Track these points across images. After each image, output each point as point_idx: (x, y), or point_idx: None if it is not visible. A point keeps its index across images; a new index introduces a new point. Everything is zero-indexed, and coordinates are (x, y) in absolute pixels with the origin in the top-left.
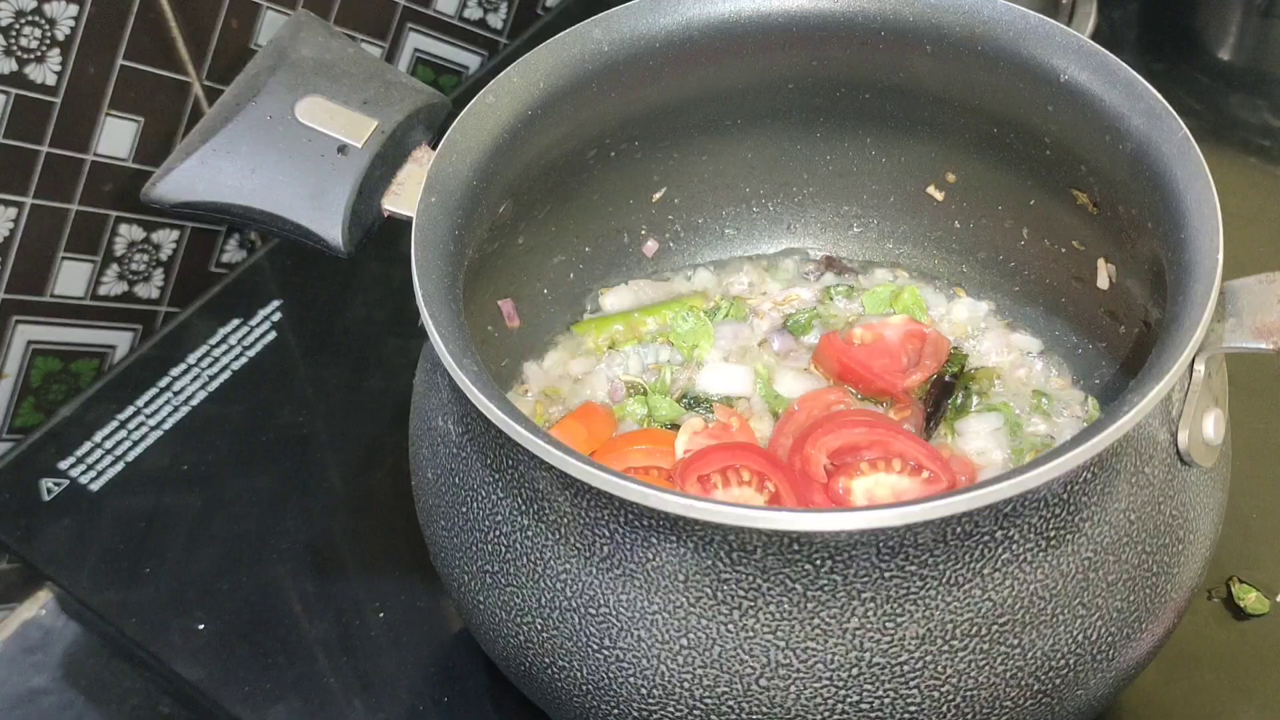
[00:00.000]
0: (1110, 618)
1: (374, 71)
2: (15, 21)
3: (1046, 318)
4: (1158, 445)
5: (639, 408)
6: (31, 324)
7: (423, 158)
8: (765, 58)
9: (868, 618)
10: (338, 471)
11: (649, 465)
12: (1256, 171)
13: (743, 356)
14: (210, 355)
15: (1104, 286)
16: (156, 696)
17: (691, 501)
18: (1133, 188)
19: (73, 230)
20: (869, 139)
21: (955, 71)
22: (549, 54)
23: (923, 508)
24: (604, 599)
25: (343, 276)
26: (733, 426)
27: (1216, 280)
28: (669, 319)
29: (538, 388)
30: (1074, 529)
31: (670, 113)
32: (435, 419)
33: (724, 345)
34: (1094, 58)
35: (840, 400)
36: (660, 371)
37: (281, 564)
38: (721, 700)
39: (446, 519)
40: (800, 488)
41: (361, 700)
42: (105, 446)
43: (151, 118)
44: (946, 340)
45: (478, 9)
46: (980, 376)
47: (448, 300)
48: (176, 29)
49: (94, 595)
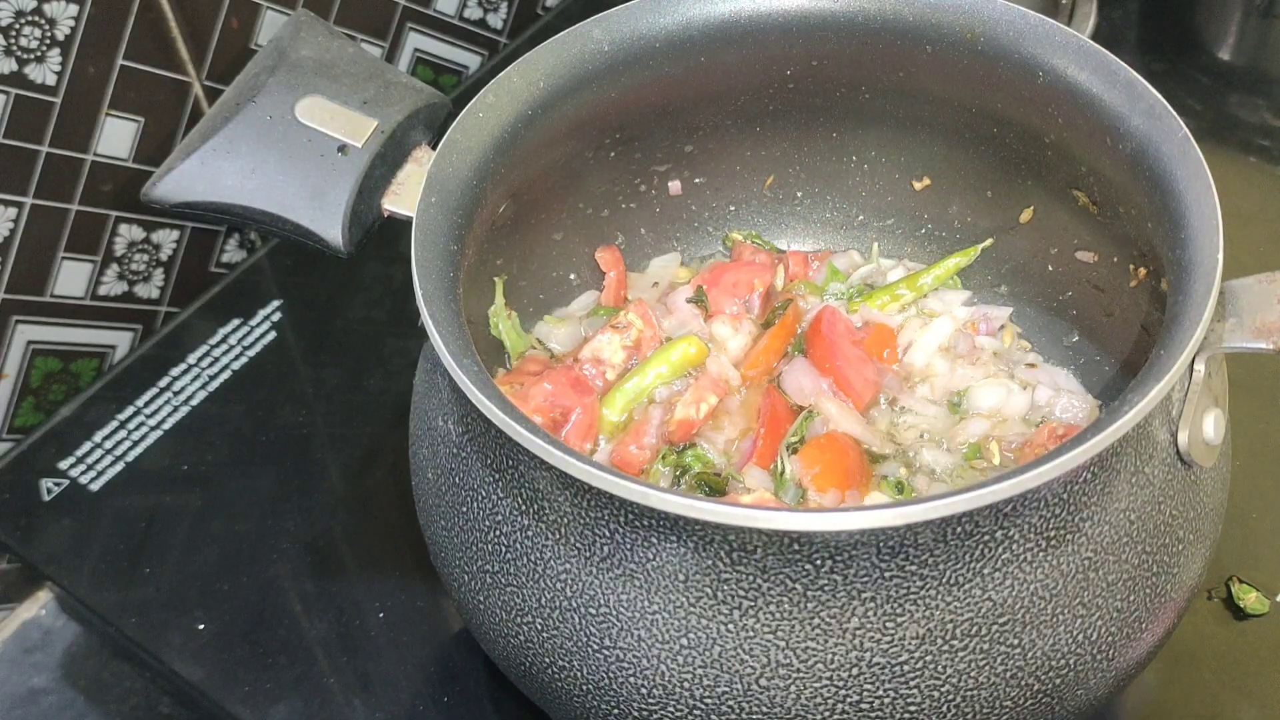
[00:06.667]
0: (1110, 618)
1: (374, 71)
2: (15, 21)
3: (1046, 317)
4: (1158, 445)
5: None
6: (31, 324)
7: (423, 158)
8: (765, 58)
9: (868, 618)
10: (338, 471)
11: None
12: (1256, 171)
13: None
14: (210, 355)
15: (1104, 286)
16: (156, 696)
17: (691, 501)
18: (1133, 188)
19: (73, 230)
20: (869, 138)
21: (955, 71)
22: (549, 54)
23: (923, 508)
24: (604, 599)
25: (343, 276)
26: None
27: (1216, 280)
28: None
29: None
30: (1074, 529)
31: (670, 113)
32: (435, 419)
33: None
34: (1094, 58)
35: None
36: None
37: (281, 564)
38: (721, 700)
39: (446, 519)
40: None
41: (361, 700)
42: (105, 446)
43: (151, 118)
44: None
45: (478, 9)
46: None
47: (448, 300)
48: (176, 29)
49: (94, 595)
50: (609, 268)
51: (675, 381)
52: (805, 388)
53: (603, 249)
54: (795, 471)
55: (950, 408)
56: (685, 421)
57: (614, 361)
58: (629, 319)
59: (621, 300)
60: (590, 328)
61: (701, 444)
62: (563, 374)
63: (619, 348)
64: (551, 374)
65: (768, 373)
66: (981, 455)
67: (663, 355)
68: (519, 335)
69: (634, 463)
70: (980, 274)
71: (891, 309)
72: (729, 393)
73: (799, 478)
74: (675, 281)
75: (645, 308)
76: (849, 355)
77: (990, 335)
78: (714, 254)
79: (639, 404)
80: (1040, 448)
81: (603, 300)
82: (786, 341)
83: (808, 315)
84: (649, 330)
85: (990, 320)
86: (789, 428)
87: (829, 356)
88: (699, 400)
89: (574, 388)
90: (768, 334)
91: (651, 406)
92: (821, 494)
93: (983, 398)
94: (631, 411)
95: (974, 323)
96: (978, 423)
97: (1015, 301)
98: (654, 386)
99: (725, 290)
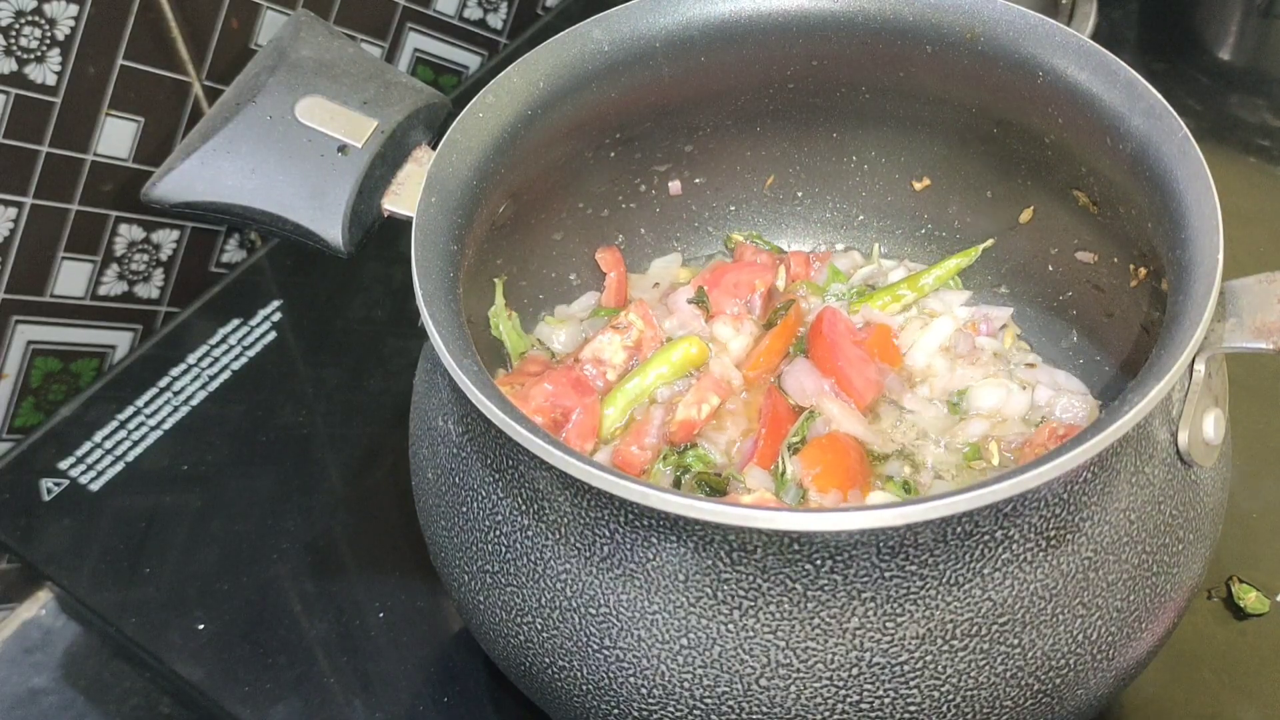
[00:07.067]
0: (1110, 618)
1: (374, 71)
2: (15, 21)
3: (1046, 317)
4: (1158, 445)
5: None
6: (31, 324)
7: (423, 158)
8: (765, 58)
9: (868, 618)
10: (338, 471)
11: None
12: (1256, 171)
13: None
14: (210, 355)
15: (1104, 286)
16: (156, 696)
17: (691, 501)
18: (1133, 188)
19: (73, 230)
20: (869, 138)
21: (955, 71)
22: (549, 54)
23: (923, 508)
24: (604, 599)
25: (343, 276)
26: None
27: (1216, 280)
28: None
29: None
30: (1074, 529)
31: (670, 113)
32: (435, 419)
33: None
34: (1094, 58)
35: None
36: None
37: (281, 564)
38: (721, 700)
39: (446, 519)
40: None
41: (361, 700)
42: (105, 446)
43: (151, 118)
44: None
45: (478, 9)
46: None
47: (448, 300)
48: (176, 29)
49: (94, 595)
50: (610, 268)
51: (676, 382)
52: (807, 388)
53: (603, 250)
54: (796, 472)
55: (950, 408)
56: (687, 422)
57: (615, 362)
58: (630, 319)
59: (623, 301)
60: (591, 328)
61: (703, 444)
62: (563, 374)
63: (620, 348)
64: (552, 374)
65: (770, 373)
66: (981, 455)
67: (663, 355)
68: (519, 336)
69: (635, 463)
70: (980, 274)
71: (893, 309)
72: (731, 393)
73: (800, 478)
74: (676, 282)
75: (646, 308)
76: (850, 356)
77: (990, 336)
78: (714, 254)
79: (640, 404)
80: (1040, 448)
81: (604, 301)
82: (789, 342)
83: (809, 316)
84: (650, 331)
85: (991, 321)
86: (790, 428)
87: (830, 357)
88: (701, 401)
89: (575, 388)
90: (770, 334)
91: (653, 407)
92: (822, 494)
93: (982, 398)
94: (633, 412)
95: (974, 323)
96: (977, 423)
97: (1015, 302)
98: (655, 387)
99: (726, 291)
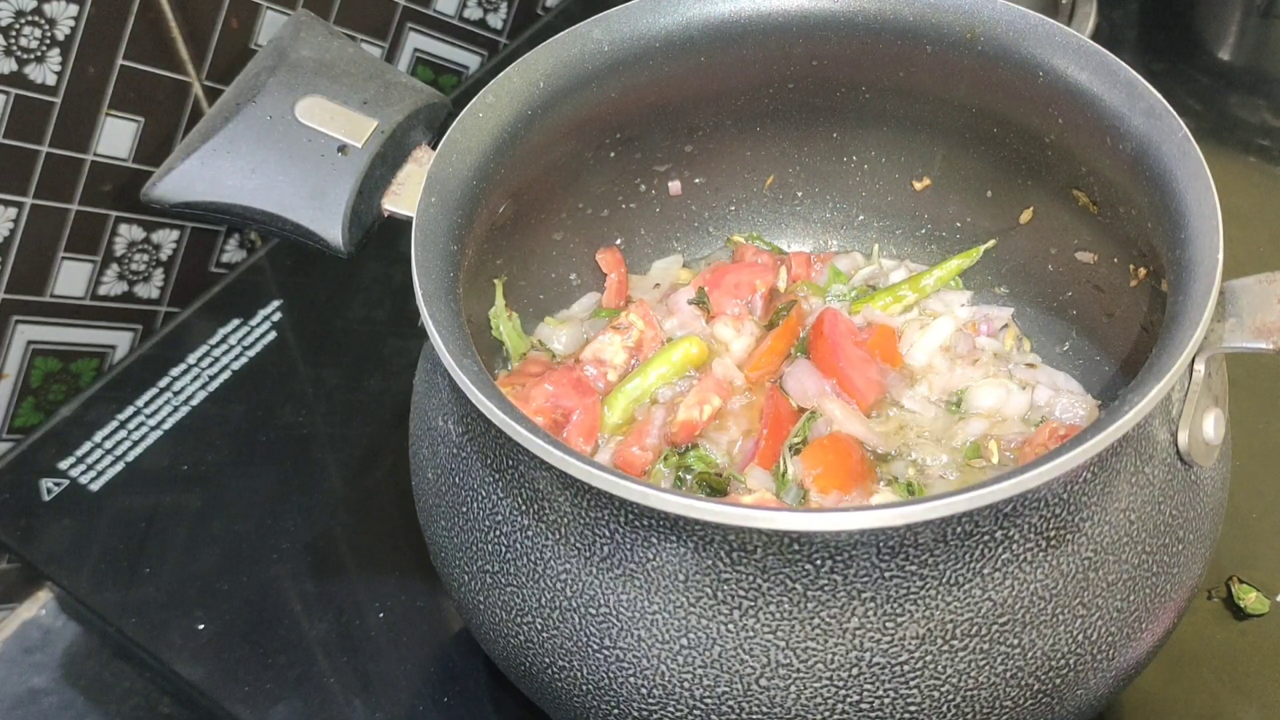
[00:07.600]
0: (1110, 618)
1: (374, 71)
2: (15, 21)
3: (1046, 318)
4: (1158, 445)
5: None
6: (31, 324)
7: (423, 158)
8: (765, 58)
9: (868, 618)
10: (338, 471)
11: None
12: (1256, 171)
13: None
14: (210, 355)
15: (1104, 286)
16: (156, 696)
17: (691, 501)
18: (1133, 188)
19: (73, 230)
20: (869, 138)
21: (955, 71)
22: (549, 54)
23: (923, 508)
24: (604, 599)
25: (343, 276)
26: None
27: (1216, 280)
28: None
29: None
30: (1074, 529)
31: (670, 113)
32: (435, 419)
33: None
34: (1094, 58)
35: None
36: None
37: (281, 564)
38: (721, 700)
39: (446, 519)
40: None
41: (361, 700)
42: (105, 446)
43: (151, 118)
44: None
45: (478, 9)
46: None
47: (448, 300)
48: (176, 29)
49: (94, 595)
50: (610, 269)
51: (678, 382)
52: (808, 389)
53: (604, 250)
54: (797, 472)
55: (949, 408)
56: (688, 423)
57: (615, 362)
58: (630, 320)
59: (623, 302)
60: (592, 329)
61: (704, 445)
62: (564, 375)
63: (620, 348)
64: (553, 375)
65: (771, 374)
66: (981, 455)
67: (664, 356)
68: (520, 336)
69: (636, 463)
70: (980, 274)
71: (894, 310)
72: (732, 394)
73: (801, 478)
74: (677, 283)
75: (647, 308)
76: (852, 356)
77: (991, 336)
78: (715, 254)
79: (641, 405)
80: (1040, 448)
81: (604, 302)
82: (790, 343)
83: (810, 317)
84: (650, 331)
85: (991, 321)
86: (791, 429)
87: (832, 358)
88: (702, 402)
89: (575, 388)
90: (771, 335)
91: (654, 407)
92: (823, 495)
93: (982, 398)
94: (633, 412)
95: (974, 323)
96: (976, 422)
97: (1015, 302)
98: (655, 387)
99: (727, 291)
